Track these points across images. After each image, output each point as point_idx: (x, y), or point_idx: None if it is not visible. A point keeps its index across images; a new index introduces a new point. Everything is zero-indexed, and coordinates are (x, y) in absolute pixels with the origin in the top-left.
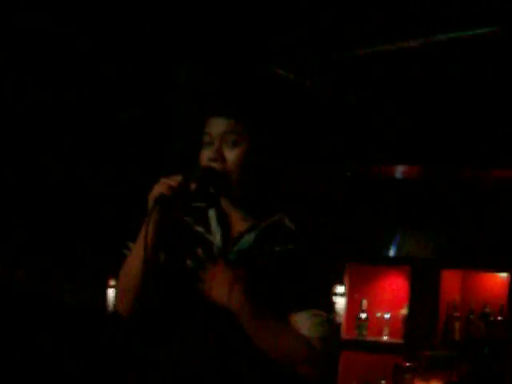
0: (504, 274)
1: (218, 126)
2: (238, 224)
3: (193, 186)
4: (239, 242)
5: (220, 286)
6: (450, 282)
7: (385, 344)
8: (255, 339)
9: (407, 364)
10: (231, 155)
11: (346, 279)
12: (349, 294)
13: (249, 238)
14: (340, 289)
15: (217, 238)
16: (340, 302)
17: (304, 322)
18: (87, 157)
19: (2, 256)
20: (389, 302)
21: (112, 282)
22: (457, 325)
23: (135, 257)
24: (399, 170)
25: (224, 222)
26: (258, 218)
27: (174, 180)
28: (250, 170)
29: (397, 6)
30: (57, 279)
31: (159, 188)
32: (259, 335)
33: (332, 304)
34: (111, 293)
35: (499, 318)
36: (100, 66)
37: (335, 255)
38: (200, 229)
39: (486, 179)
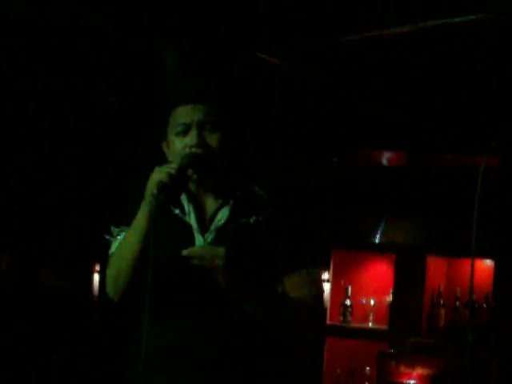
0: (489, 261)
1: (193, 114)
2: (210, 204)
3: (189, 173)
4: (214, 219)
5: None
6: (435, 268)
7: (370, 330)
8: (253, 312)
9: (391, 351)
10: (212, 140)
11: (331, 265)
12: (334, 281)
13: (223, 214)
14: (325, 275)
15: (192, 218)
16: (325, 289)
17: (297, 283)
18: (68, 142)
19: None
20: (374, 288)
21: (97, 267)
22: (442, 312)
23: (130, 242)
24: (385, 157)
25: (196, 202)
26: (228, 194)
27: (172, 168)
28: (226, 152)
29: None
30: (41, 265)
31: (158, 176)
32: (256, 308)
33: (318, 260)
34: (97, 278)
35: (484, 305)
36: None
37: (320, 241)
38: (176, 211)
39: (472, 167)
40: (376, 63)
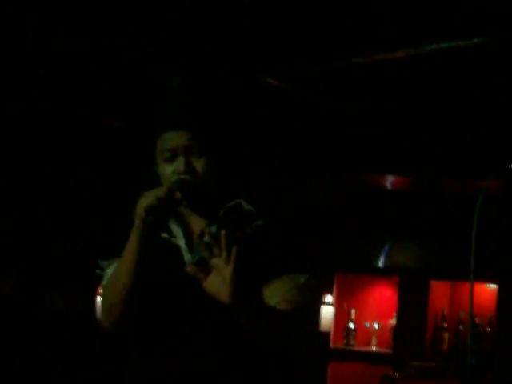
0: (493, 285)
1: (179, 140)
2: (197, 223)
3: (178, 196)
4: (203, 237)
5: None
6: (439, 292)
7: (373, 354)
8: (249, 325)
9: (395, 374)
10: (199, 166)
11: (335, 289)
12: (337, 304)
13: (209, 229)
14: (328, 298)
15: (180, 239)
16: (328, 312)
17: (276, 289)
18: (74, 165)
19: None
20: (377, 312)
21: (100, 290)
22: (445, 335)
23: (123, 271)
24: (389, 181)
25: (183, 223)
26: (214, 212)
27: (160, 191)
28: (212, 177)
29: (386, 17)
30: (46, 287)
31: (146, 200)
32: (253, 322)
33: (307, 267)
34: (99, 300)
35: (488, 329)
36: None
37: (323, 265)
38: (165, 235)
39: (474, 192)
40: (380, 88)
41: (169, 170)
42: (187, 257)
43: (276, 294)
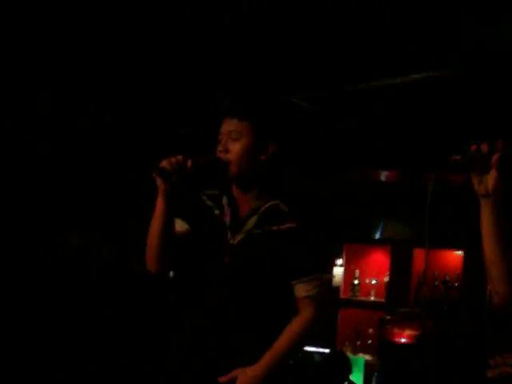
0: (460, 252)
1: (226, 126)
2: (245, 207)
3: (189, 163)
4: (246, 223)
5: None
6: (420, 257)
7: (372, 302)
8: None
9: (388, 317)
10: (233, 147)
11: (344, 255)
12: (346, 266)
13: (252, 220)
14: (339, 262)
15: (228, 220)
16: (339, 271)
17: (304, 287)
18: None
19: (88, 234)
20: (375, 271)
21: None
22: (424, 289)
23: (154, 220)
24: (383, 175)
25: (234, 208)
26: (259, 201)
27: (175, 158)
28: (247, 160)
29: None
30: (131, 254)
31: (162, 163)
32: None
33: (325, 266)
34: None
35: (455, 284)
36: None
37: (335, 237)
38: (217, 212)
39: (445, 182)
40: (379, 111)
41: (217, 149)
42: (229, 236)
43: (303, 291)
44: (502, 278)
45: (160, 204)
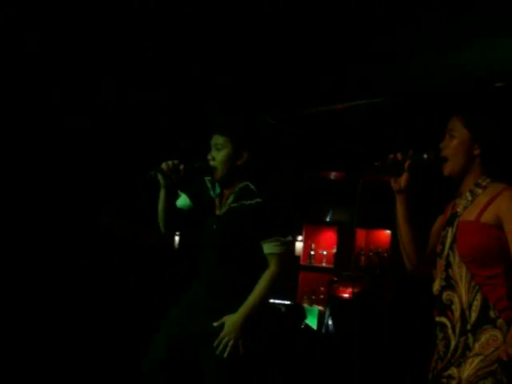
0: (388, 231)
1: (213, 140)
2: (226, 193)
3: (181, 167)
4: (227, 201)
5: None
6: (361, 235)
7: (324, 268)
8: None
9: (335, 279)
10: (218, 156)
11: (304, 233)
12: (304, 241)
13: (231, 198)
14: (299, 238)
15: (216, 199)
16: (299, 245)
17: (269, 245)
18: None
19: (116, 217)
20: (326, 245)
21: (177, 232)
22: (362, 258)
23: (159, 203)
24: (333, 174)
25: (221, 192)
26: (235, 188)
27: (172, 162)
28: (228, 165)
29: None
30: (152, 230)
31: (162, 165)
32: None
33: (286, 232)
34: (177, 238)
35: (385, 254)
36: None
37: (297, 220)
38: (211, 193)
39: (377, 179)
40: (329, 128)
41: (208, 157)
42: (216, 210)
43: (268, 248)
44: (412, 252)
45: (161, 193)
